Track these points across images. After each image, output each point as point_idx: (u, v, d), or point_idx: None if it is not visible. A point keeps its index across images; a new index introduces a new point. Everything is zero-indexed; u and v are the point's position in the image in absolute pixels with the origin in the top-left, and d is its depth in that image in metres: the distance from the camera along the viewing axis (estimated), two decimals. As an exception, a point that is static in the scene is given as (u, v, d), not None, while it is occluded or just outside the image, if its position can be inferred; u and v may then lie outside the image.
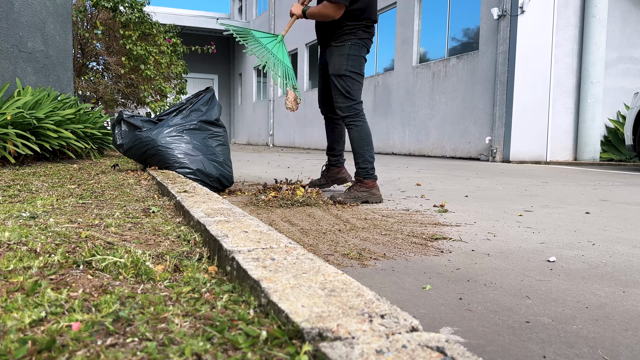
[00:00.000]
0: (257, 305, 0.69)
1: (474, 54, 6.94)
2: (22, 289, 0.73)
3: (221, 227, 1.08)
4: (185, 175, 2.45)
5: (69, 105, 3.89)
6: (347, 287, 0.70)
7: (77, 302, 0.68)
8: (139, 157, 2.73)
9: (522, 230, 1.75)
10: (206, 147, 2.60)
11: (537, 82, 6.36)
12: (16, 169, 2.79)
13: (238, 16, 17.55)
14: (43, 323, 0.62)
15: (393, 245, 1.46)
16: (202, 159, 2.54)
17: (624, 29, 6.83)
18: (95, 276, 0.82)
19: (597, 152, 6.60)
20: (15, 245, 0.98)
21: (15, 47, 3.88)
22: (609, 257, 1.38)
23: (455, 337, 0.80)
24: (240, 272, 0.79)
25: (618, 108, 6.93)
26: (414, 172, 4.48)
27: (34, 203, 1.57)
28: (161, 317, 0.65)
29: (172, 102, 6.13)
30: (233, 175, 2.71)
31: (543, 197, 2.72)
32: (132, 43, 5.32)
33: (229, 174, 2.63)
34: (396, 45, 8.74)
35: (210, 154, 2.58)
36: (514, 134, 6.31)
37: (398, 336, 0.54)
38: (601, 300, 1.01)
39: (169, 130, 2.59)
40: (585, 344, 0.79)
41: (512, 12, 6.21)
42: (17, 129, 2.97)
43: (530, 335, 0.82)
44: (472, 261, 1.31)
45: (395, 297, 1.01)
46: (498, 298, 1.01)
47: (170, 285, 0.80)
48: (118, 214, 1.44)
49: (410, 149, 8.40)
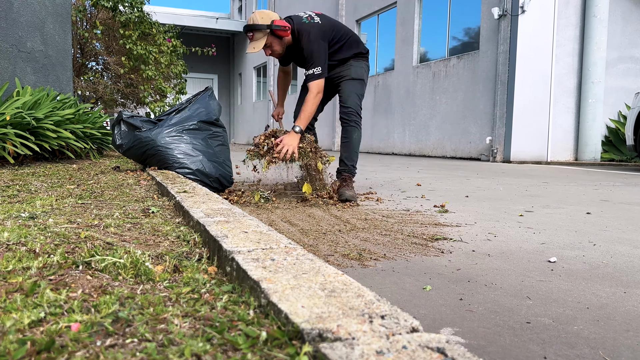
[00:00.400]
0: (257, 305, 0.69)
1: (475, 53, 6.93)
2: (21, 289, 0.73)
3: (221, 228, 1.08)
4: (185, 176, 2.45)
5: (68, 105, 3.88)
6: (347, 287, 0.70)
7: (77, 303, 0.68)
8: (139, 157, 2.72)
9: (523, 230, 1.75)
10: (206, 147, 2.59)
11: (538, 82, 6.35)
12: (15, 169, 2.79)
13: (238, 16, 17.55)
14: (42, 324, 0.61)
15: (393, 245, 1.46)
16: (202, 159, 2.53)
17: (625, 29, 6.82)
18: (95, 277, 0.82)
19: (598, 152, 6.59)
20: (15, 246, 0.98)
21: (14, 46, 3.88)
22: (610, 257, 1.38)
23: (456, 338, 0.80)
24: (240, 272, 0.79)
25: (619, 108, 6.92)
26: (414, 172, 4.48)
27: (33, 203, 1.57)
28: (161, 318, 0.65)
29: (172, 102, 6.11)
30: (233, 175, 2.71)
31: (544, 198, 2.71)
32: (131, 43, 5.31)
33: (228, 174, 2.62)
34: (396, 45, 8.73)
35: (210, 154, 2.58)
36: (514, 134, 6.30)
37: (398, 337, 0.54)
38: (602, 301, 1.00)
39: (169, 130, 2.59)
40: (586, 344, 0.79)
41: (513, 12, 6.21)
42: (16, 129, 2.96)
43: (531, 336, 0.82)
44: (473, 262, 1.30)
45: (396, 297, 1.00)
46: (499, 299, 1.01)
47: (170, 285, 0.80)
48: (117, 214, 1.43)
49: (411, 149, 8.40)
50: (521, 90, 6.26)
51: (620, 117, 6.88)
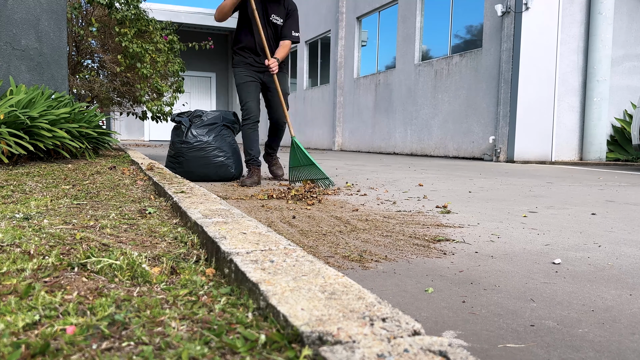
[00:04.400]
0: (255, 308, 0.68)
1: (478, 51, 6.90)
2: (15, 291, 0.72)
3: (219, 229, 1.07)
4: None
5: (63, 104, 3.86)
6: (347, 289, 0.69)
7: (72, 305, 0.67)
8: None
9: (527, 231, 1.73)
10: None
11: (542, 81, 6.31)
12: (9, 169, 2.78)
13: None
14: (37, 327, 0.61)
15: (395, 247, 1.44)
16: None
17: (631, 26, 6.77)
18: (91, 279, 0.81)
19: (603, 151, 6.54)
20: (9, 247, 0.97)
21: (8, 44, 3.87)
22: (616, 259, 1.36)
23: (459, 341, 0.79)
24: (238, 274, 0.78)
25: (625, 107, 6.86)
26: (416, 172, 4.46)
27: (27, 204, 1.56)
28: (158, 321, 0.64)
29: (169, 101, 6.07)
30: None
31: (548, 198, 2.69)
32: (128, 40, 5.27)
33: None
34: (398, 43, 8.70)
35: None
36: (518, 133, 6.27)
37: (400, 340, 0.53)
38: (607, 304, 0.99)
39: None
40: (591, 348, 0.77)
41: (517, 9, 6.17)
42: (10, 128, 2.95)
43: (535, 339, 0.80)
44: (476, 263, 1.29)
45: (397, 300, 0.99)
46: (502, 301, 0.99)
47: (167, 288, 0.79)
48: (114, 215, 1.43)
49: (412, 149, 8.37)
50: (525, 89, 6.22)
51: (626, 116, 6.82)
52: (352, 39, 10.17)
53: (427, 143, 7.99)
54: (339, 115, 10.66)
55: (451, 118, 7.42)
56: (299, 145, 3.00)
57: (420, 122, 8.14)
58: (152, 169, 2.65)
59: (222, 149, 3.13)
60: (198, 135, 3.10)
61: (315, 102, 11.86)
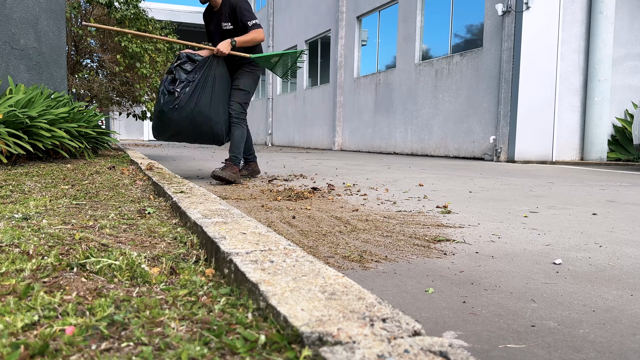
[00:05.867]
0: (255, 308, 0.68)
1: (478, 51, 6.89)
2: (14, 292, 0.72)
3: (218, 229, 1.06)
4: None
5: (62, 103, 3.86)
6: (347, 290, 0.68)
7: (71, 306, 0.67)
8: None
9: (528, 231, 1.73)
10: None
11: (543, 80, 6.30)
12: (8, 169, 2.78)
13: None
14: (36, 327, 0.60)
15: (395, 247, 1.44)
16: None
17: (632, 26, 6.76)
18: (90, 279, 0.81)
19: (605, 151, 6.54)
20: (8, 247, 0.97)
21: (7, 44, 3.87)
22: (617, 259, 1.35)
23: (459, 342, 0.78)
24: (238, 274, 0.78)
25: (626, 106, 6.86)
26: (416, 172, 4.46)
27: (26, 204, 1.56)
28: (157, 321, 0.64)
29: None
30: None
31: (549, 198, 2.69)
32: (127, 40, 5.27)
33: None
34: (398, 42, 8.70)
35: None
36: (519, 133, 6.26)
37: (400, 340, 0.53)
38: (608, 304, 0.98)
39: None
40: (592, 348, 0.77)
41: (517, 8, 6.16)
42: (9, 127, 2.95)
43: (536, 340, 0.80)
44: (476, 263, 1.29)
45: (397, 300, 0.99)
46: (503, 301, 0.99)
47: (167, 288, 0.78)
48: (113, 215, 1.42)
49: (413, 149, 8.37)
50: (526, 89, 6.22)
51: (627, 115, 6.81)
52: (352, 39, 10.16)
53: (428, 143, 7.98)
54: (339, 115, 10.66)
55: (452, 118, 7.42)
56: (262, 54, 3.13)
57: (421, 121, 8.13)
58: (152, 169, 2.65)
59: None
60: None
61: (315, 101, 11.86)
